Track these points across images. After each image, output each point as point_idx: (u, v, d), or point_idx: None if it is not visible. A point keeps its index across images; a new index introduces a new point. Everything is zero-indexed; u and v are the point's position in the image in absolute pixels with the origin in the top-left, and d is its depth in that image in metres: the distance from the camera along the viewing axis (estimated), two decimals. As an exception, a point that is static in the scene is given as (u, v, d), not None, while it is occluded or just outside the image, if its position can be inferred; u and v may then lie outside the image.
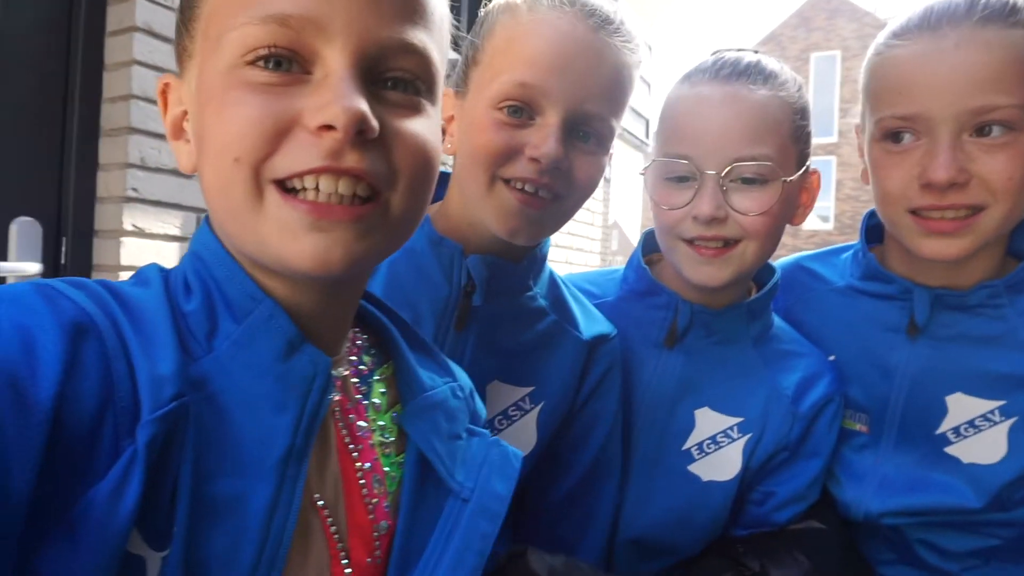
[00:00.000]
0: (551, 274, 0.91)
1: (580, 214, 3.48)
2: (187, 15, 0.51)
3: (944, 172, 0.76)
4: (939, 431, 0.90)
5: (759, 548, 0.91)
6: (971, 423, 0.89)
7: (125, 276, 1.87)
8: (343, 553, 0.52)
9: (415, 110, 0.50)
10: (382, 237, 0.50)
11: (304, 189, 0.46)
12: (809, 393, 0.94)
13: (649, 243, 1.04)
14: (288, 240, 0.46)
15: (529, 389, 0.83)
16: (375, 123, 0.45)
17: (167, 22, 1.88)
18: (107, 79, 1.85)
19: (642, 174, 0.94)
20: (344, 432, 0.56)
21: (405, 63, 0.49)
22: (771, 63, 0.88)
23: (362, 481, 0.55)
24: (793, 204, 0.89)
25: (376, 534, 0.55)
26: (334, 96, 0.44)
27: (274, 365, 0.49)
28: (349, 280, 0.54)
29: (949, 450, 0.90)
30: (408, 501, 0.57)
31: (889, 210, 0.86)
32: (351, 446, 0.56)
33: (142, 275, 0.52)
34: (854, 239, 1.05)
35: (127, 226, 1.82)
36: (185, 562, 0.43)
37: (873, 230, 1.00)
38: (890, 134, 0.82)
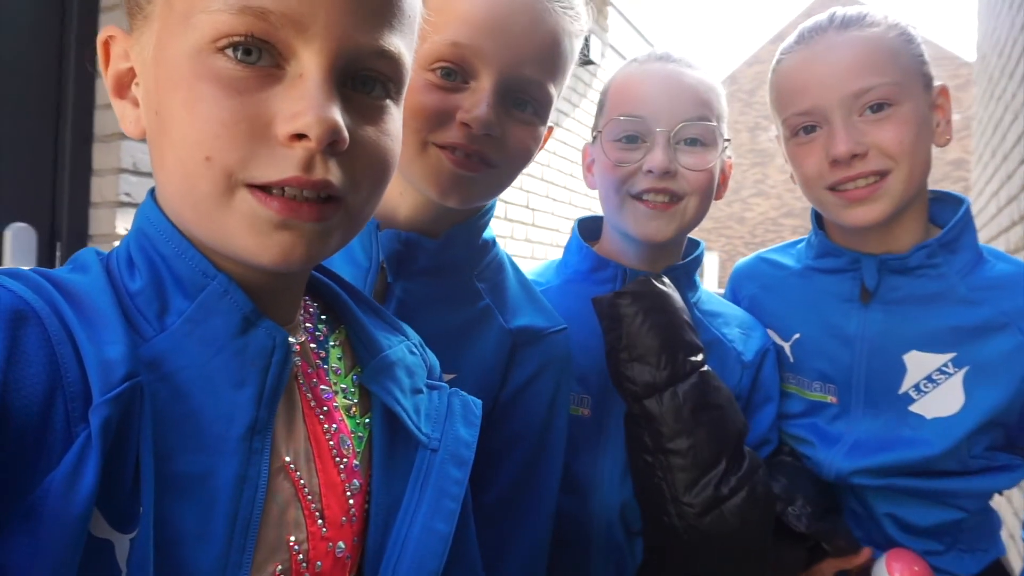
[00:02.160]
0: (499, 257, 0.88)
1: (554, 207, 3.46)
2: None
3: (844, 146, 0.89)
4: (902, 390, 0.97)
5: None
6: (929, 378, 0.95)
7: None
8: (318, 513, 0.52)
9: (382, 114, 0.50)
10: (341, 233, 0.50)
11: (270, 192, 0.46)
12: (749, 343, 1.03)
13: (584, 230, 1.12)
14: (255, 236, 0.46)
15: (451, 376, 0.78)
16: (347, 135, 0.46)
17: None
18: (99, 86, 1.88)
19: (595, 134, 1.01)
20: (309, 396, 0.56)
21: (378, 66, 0.49)
22: (697, 59, 1.00)
23: (331, 442, 0.55)
24: (719, 178, 1.01)
25: (349, 493, 0.55)
26: (308, 105, 0.44)
27: (231, 340, 0.49)
28: None
29: (913, 408, 0.96)
30: (380, 457, 0.57)
31: (812, 192, 0.98)
32: (316, 409, 0.56)
33: (79, 260, 0.51)
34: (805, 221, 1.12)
35: (120, 230, 1.84)
36: (155, 542, 0.42)
37: (820, 216, 1.09)
38: (797, 129, 0.97)
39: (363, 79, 0.49)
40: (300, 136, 0.44)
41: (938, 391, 0.94)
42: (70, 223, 1.84)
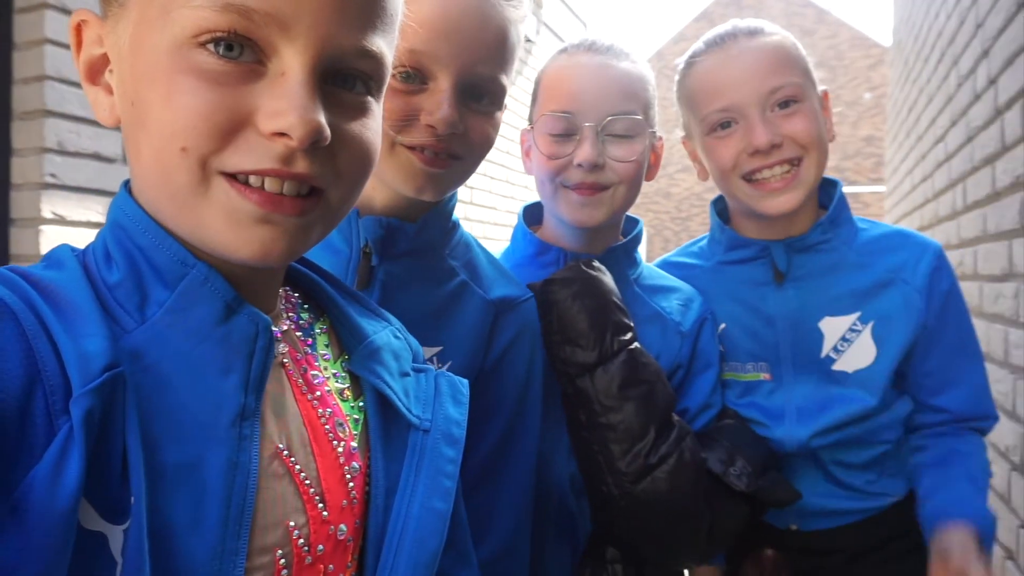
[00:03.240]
0: (464, 237, 0.92)
1: (491, 184, 3.48)
2: None
3: (764, 137, 0.99)
4: (823, 354, 1.09)
5: None
6: (843, 339, 1.08)
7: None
8: (318, 497, 0.52)
9: (363, 110, 0.50)
10: (320, 228, 0.51)
11: (249, 184, 0.46)
12: (688, 314, 1.08)
13: (528, 216, 1.17)
14: (234, 229, 0.46)
15: (437, 349, 0.83)
16: (328, 133, 0.46)
17: (81, 0, 1.80)
18: (17, 58, 1.76)
19: (529, 129, 1.06)
20: (300, 381, 0.55)
21: (360, 65, 0.49)
22: (624, 46, 1.04)
23: (327, 426, 0.55)
24: (650, 160, 1.07)
25: (349, 476, 0.55)
26: (291, 104, 0.44)
27: (214, 328, 0.48)
28: None
29: (835, 367, 1.08)
30: (378, 440, 0.58)
31: (728, 182, 1.07)
32: (309, 395, 0.56)
33: (53, 257, 0.50)
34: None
35: (46, 214, 1.74)
36: (149, 532, 0.42)
37: (722, 214, 1.20)
38: (715, 125, 1.05)
39: (344, 77, 0.49)
40: (281, 134, 0.44)
41: (853, 348, 1.07)
42: (-11, 206, 1.73)
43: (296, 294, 0.63)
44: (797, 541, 1.13)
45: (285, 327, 0.57)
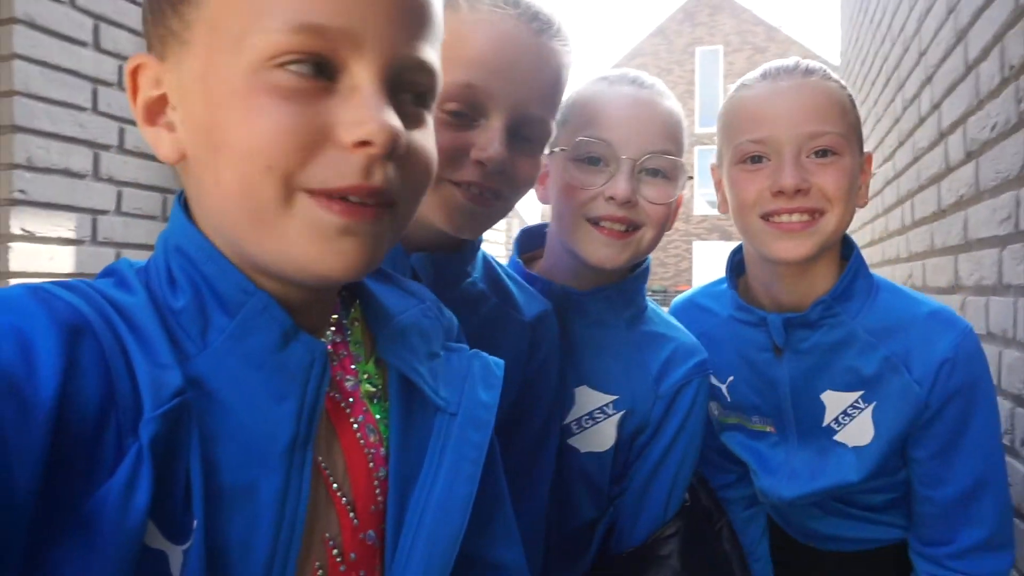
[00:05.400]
0: (484, 257, 0.92)
1: None
2: None
3: (791, 179, 0.95)
4: (825, 423, 1.08)
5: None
6: (844, 412, 1.06)
7: (15, 283, 1.77)
8: (349, 507, 0.54)
9: (422, 122, 0.52)
10: (390, 239, 0.51)
11: (332, 198, 0.46)
12: (670, 374, 1.00)
13: (524, 242, 1.12)
14: (318, 243, 0.46)
15: None
16: (405, 140, 0.47)
17: (49, 15, 1.79)
18: (-14, 74, 1.74)
19: (552, 151, 0.99)
20: (333, 391, 0.56)
21: (419, 78, 0.50)
22: (664, 87, 1.00)
23: (358, 434, 0.56)
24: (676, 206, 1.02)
25: (376, 482, 0.56)
26: (370, 114, 0.45)
27: (271, 356, 0.49)
28: None
29: (837, 438, 1.07)
30: (397, 425, 0.57)
31: (746, 218, 1.02)
32: (342, 403, 0.56)
33: (119, 276, 0.51)
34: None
35: (15, 230, 1.72)
36: (206, 552, 0.43)
37: (738, 265, 1.17)
38: (745, 156, 1.00)
39: (405, 91, 0.50)
40: (364, 143, 0.45)
41: (853, 424, 1.05)
42: (-46, 223, 1.70)
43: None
44: (815, 559, 1.18)
45: (329, 330, 0.58)
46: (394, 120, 0.46)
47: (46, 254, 1.79)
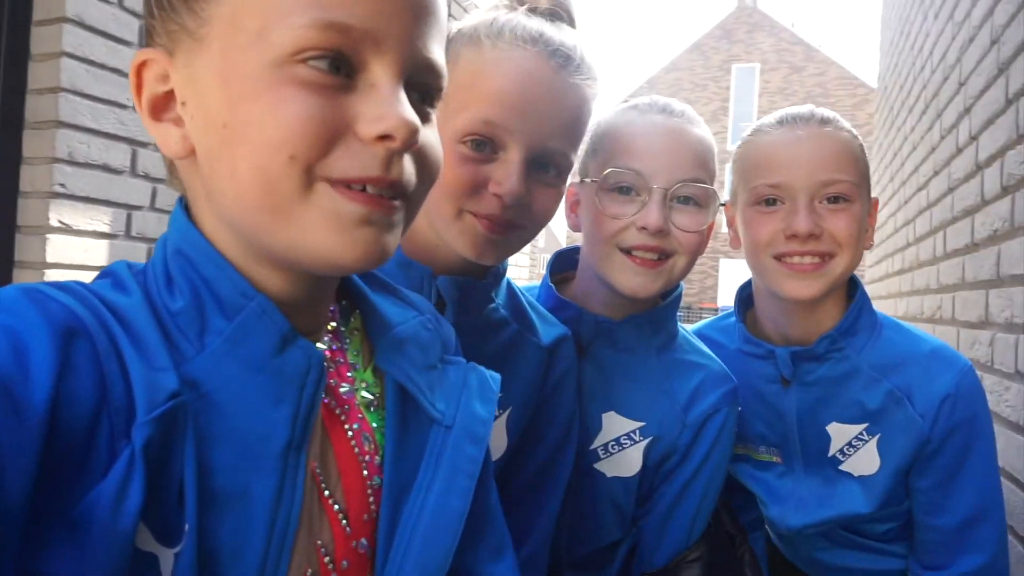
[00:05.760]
0: (508, 284, 0.94)
1: None
2: None
3: (805, 225, 0.99)
4: (830, 454, 1.11)
5: None
6: (849, 444, 1.09)
7: (50, 273, 1.83)
8: (341, 514, 0.53)
9: (429, 120, 0.53)
10: (400, 233, 0.52)
11: (352, 187, 0.47)
12: (699, 402, 1.01)
13: (557, 264, 1.13)
14: (338, 233, 0.47)
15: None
16: (422, 135, 0.49)
17: (98, 15, 1.84)
18: (33, 70, 1.79)
19: (584, 180, 1.00)
20: (329, 398, 0.56)
21: (430, 79, 0.52)
22: (695, 113, 1.01)
23: (353, 441, 0.56)
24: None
25: (370, 491, 0.56)
26: (392, 109, 0.47)
27: (268, 360, 0.49)
28: None
29: (843, 467, 1.10)
30: (393, 435, 0.57)
31: (758, 257, 1.06)
32: (338, 410, 0.56)
33: (116, 277, 0.51)
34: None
35: (53, 222, 1.77)
36: (197, 556, 0.43)
37: (746, 300, 1.21)
38: (762, 199, 1.05)
39: (414, 89, 0.51)
40: (385, 137, 0.46)
41: (859, 455, 1.09)
42: (-3, 213, 1.75)
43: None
44: None
45: (326, 337, 0.58)
46: (413, 116, 0.47)
47: (81, 247, 1.84)
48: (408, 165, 0.49)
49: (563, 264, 1.14)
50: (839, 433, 1.09)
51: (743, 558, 1.12)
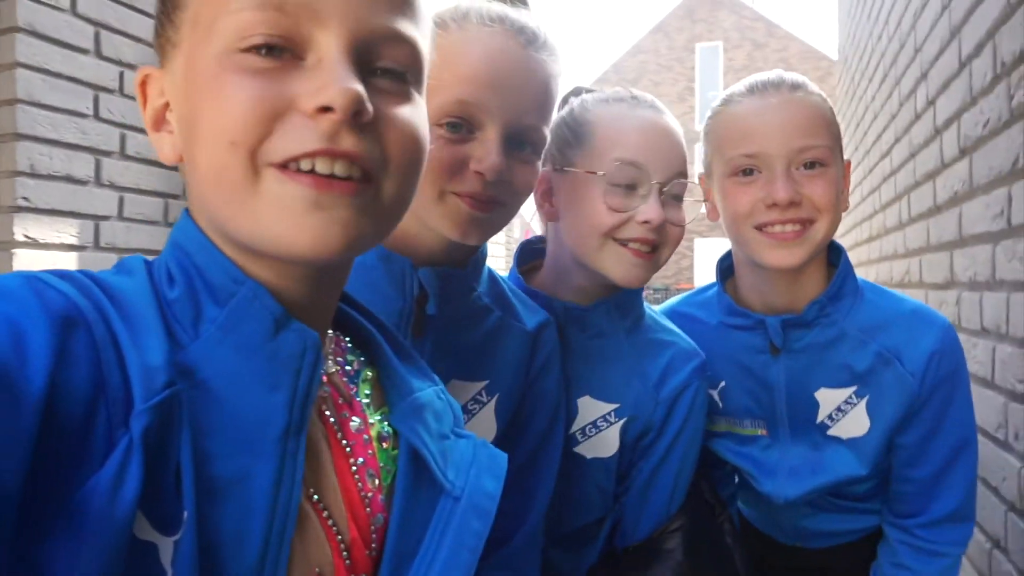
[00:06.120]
0: (490, 272, 0.96)
1: None
2: (170, 5, 0.51)
3: (784, 192, 0.99)
4: (818, 421, 1.11)
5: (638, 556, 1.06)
6: (838, 408, 1.10)
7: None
8: (343, 546, 0.53)
9: (405, 98, 0.51)
10: (375, 221, 0.50)
11: (300, 170, 0.46)
12: (670, 379, 1.05)
13: (523, 255, 1.16)
14: (287, 218, 0.46)
15: (484, 383, 0.88)
16: (370, 106, 0.46)
17: (50, 23, 1.81)
18: (-12, 83, 1.76)
19: (566, 169, 1.00)
20: (336, 428, 0.56)
21: (395, 53, 0.50)
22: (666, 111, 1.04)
23: (357, 476, 0.56)
24: None
25: (373, 527, 0.56)
26: (331, 78, 0.45)
27: (263, 345, 0.49)
28: (335, 267, 0.55)
29: (830, 432, 1.11)
30: (402, 499, 0.57)
31: (739, 228, 1.05)
32: (344, 442, 0.56)
33: (126, 265, 0.52)
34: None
35: (19, 236, 1.74)
36: (198, 543, 0.43)
37: (727, 270, 1.20)
38: (738, 170, 1.04)
39: (383, 69, 0.50)
40: (325, 109, 0.45)
41: (847, 418, 1.10)
42: (-41, 230, 1.72)
43: (347, 338, 0.63)
44: (802, 558, 1.22)
45: (332, 370, 0.58)
46: (355, 84, 0.45)
47: (49, 260, 1.81)
48: (365, 140, 0.47)
49: (528, 255, 1.17)
50: (828, 399, 1.10)
51: (723, 527, 1.14)
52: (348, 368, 0.61)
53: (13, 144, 1.74)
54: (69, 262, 1.86)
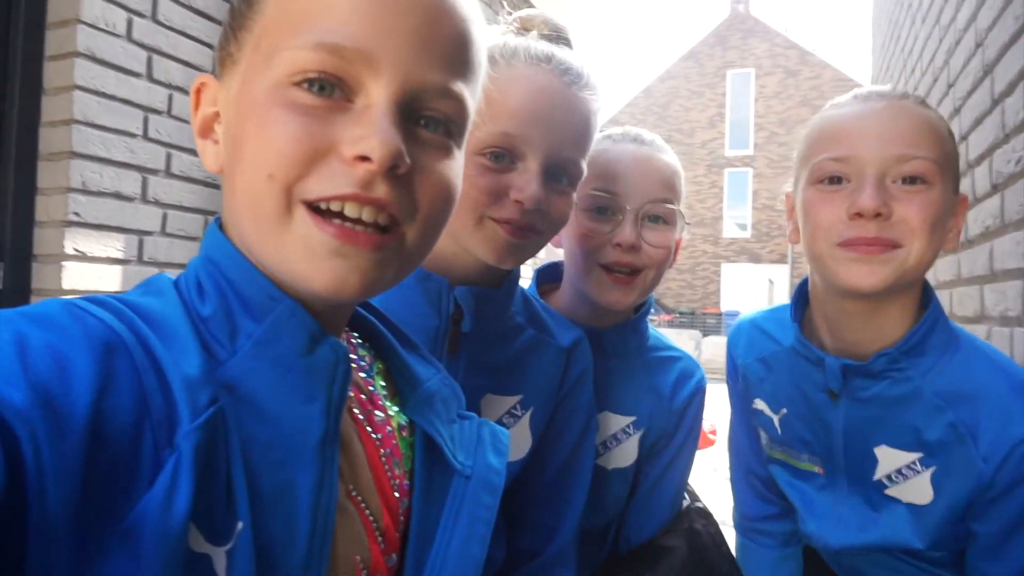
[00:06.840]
0: (523, 292, 1.00)
1: None
2: (237, 23, 0.53)
3: (871, 201, 0.85)
4: (875, 478, 0.99)
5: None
6: (899, 471, 0.97)
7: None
8: (378, 532, 0.56)
9: (444, 150, 0.53)
10: (395, 268, 0.52)
11: (330, 211, 0.48)
12: (680, 391, 1.14)
13: (542, 277, 1.21)
14: (310, 261, 0.48)
15: (518, 397, 0.92)
16: (407, 160, 0.48)
17: (108, 48, 1.90)
18: (45, 103, 1.85)
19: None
20: (364, 421, 0.59)
21: (441, 105, 0.51)
22: (662, 142, 1.11)
23: (386, 465, 0.59)
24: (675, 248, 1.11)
25: (400, 509, 0.60)
26: (374, 129, 0.47)
27: (299, 358, 0.51)
28: None
29: (889, 492, 0.98)
30: (421, 485, 0.61)
31: (819, 244, 0.92)
32: (374, 435, 0.59)
33: (153, 285, 0.53)
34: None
35: (69, 250, 1.82)
36: (253, 551, 0.45)
37: (803, 297, 1.08)
38: (823, 177, 0.92)
39: (428, 119, 0.51)
40: (363, 158, 0.47)
41: (909, 483, 0.96)
42: (13, 242, 1.81)
43: (356, 333, 0.66)
44: None
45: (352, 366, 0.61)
46: (395, 138, 0.47)
47: (95, 273, 1.89)
48: (396, 190, 0.49)
49: (547, 277, 1.22)
50: (888, 458, 0.97)
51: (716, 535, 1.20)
52: (362, 363, 0.63)
53: (68, 162, 1.83)
54: (114, 275, 1.94)
